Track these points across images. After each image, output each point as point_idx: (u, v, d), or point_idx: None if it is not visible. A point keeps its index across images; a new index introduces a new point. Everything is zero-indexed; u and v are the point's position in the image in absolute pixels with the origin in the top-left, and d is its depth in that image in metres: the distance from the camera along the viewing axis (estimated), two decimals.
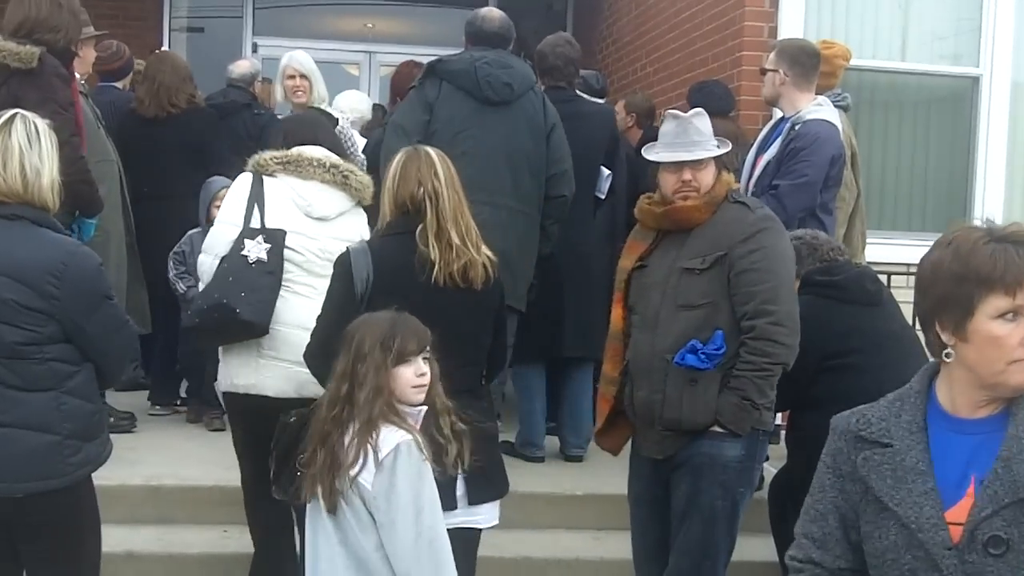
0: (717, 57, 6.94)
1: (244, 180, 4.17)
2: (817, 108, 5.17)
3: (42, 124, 3.34)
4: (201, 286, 4.22)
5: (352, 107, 7.13)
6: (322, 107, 6.26)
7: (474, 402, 3.42)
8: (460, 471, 3.23)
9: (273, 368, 4.03)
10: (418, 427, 3.02)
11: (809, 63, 5.25)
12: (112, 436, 3.58)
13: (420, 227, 3.47)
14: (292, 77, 6.28)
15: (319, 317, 3.57)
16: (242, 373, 4.09)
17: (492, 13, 5.46)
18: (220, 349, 4.20)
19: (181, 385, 6.52)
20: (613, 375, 3.97)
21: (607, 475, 5.38)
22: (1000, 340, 2.04)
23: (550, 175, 5.27)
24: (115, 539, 4.56)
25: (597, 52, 9.59)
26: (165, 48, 10.09)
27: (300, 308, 3.97)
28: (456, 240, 3.46)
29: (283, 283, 4.03)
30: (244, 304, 3.95)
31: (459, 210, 3.51)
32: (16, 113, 3.33)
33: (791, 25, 6.56)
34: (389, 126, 5.22)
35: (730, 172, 3.96)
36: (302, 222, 4.10)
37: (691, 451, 3.74)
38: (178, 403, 6.45)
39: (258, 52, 10.87)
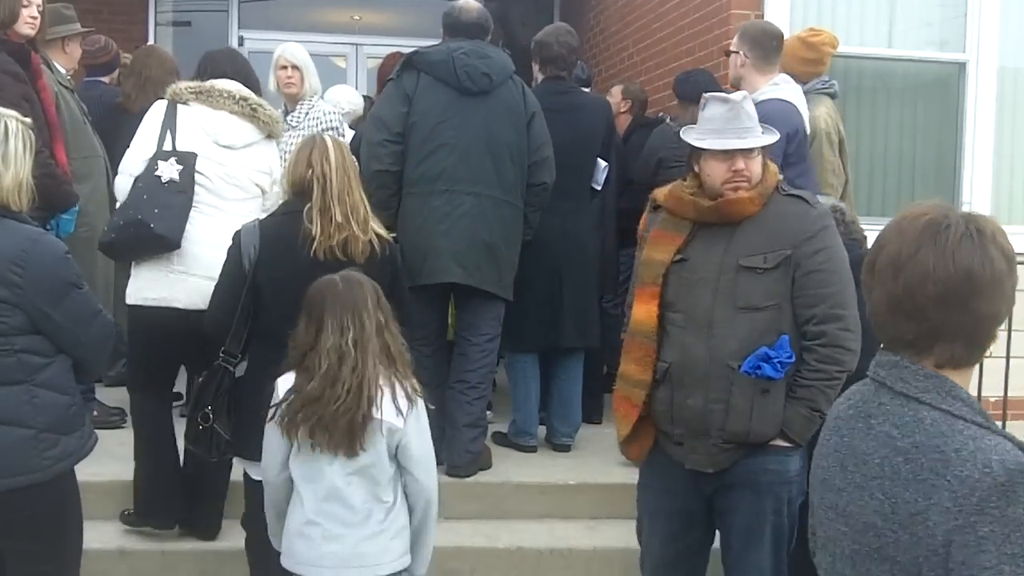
0: (704, 46, 6.93)
1: (159, 107, 4.56)
2: (773, 88, 5.17)
3: (14, 124, 3.29)
4: (118, 205, 4.54)
5: (349, 100, 7.12)
6: (314, 100, 6.23)
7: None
8: None
9: (184, 282, 4.40)
10: None
11: (770, 45, 5.27)
12: (103, 432, 3.58)
13: (308, 206, 3.82)
14: (284, 68, 6.24)
15: (215, 287, 3.97)
16: (154, 287, 4.43)
17: (469, 4, 5.45)
18: (132, 264, 4.52)
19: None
20: (642, 377, 3.54)
21: (599, 464, 5.40)
22: None
23: (531, 162, 5.29)
24: (107, 536, 4.59)
25: (584, 41, 9.56)
26: (151, 42, 10.08)
27: (207, 226, 4.40)
28: (339, 218, 3.80)
29: (192, 203, 4.40)
30: (158, 220, 4.31)
31: (346, 191, 3.85)
32: None
33: (777, 13, 6.54)
34: (368, 119, 5.24)
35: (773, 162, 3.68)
36: (210, 148, 4.49)
37: (752, 466, 3.48)
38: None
39: (244, 45, 10.83)
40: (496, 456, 5.44)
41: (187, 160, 4.42)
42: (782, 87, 5.21)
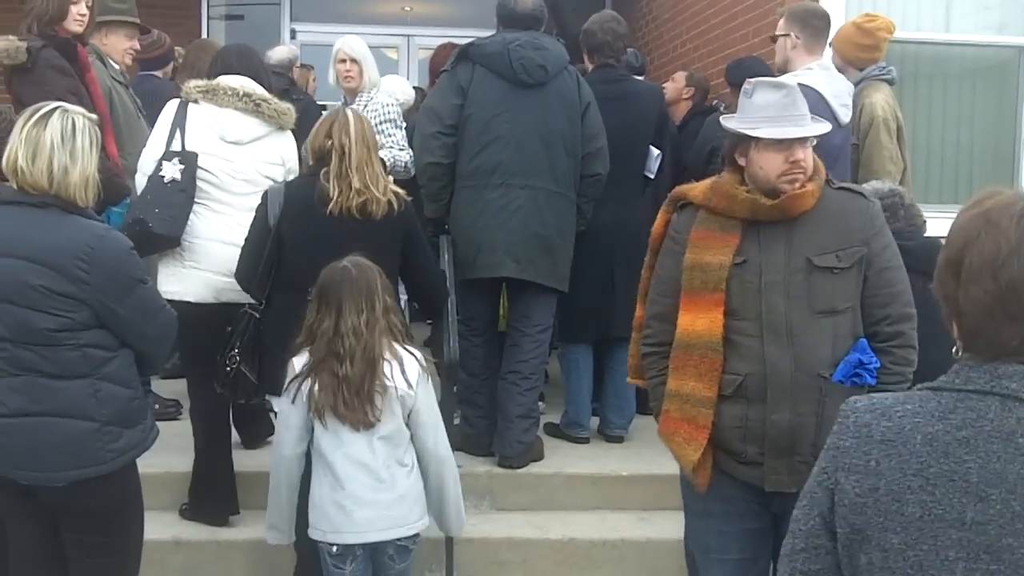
0: (757, 32, 6.85)
1: (171, 107, 4.75)
2: (805, 72, 5.06)
3: (81, 121, 3.32)
4: None
5: (402, 91, 7.13)
6: (373, 92, 6.22)
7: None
8: None
9: (195, 276, 4.63)
10: None
11: (819, 25, 5.18)
12: (158, 423, 3.61)
13: (324, 169, 4.15)
14: (343, 61, 6.26)
15: (245, 241, 4.30)
16: (170, 281, 4.64)
17: None
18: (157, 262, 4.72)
19: None
20: (707, 394, 3.20)
21: (651, 455, 5.36)
22: None
23: (585, 153, 5.26)
24: (163, 526, 4.63)
25: (637, 29, 9.52)
26: (204, 36, 10.15)
27: (216, 223, 4.62)
28: (357, 184, 4.12)
29: (200, 201, 4.61)
30: (156, 218, 4.50)
31: (365, 162, 4.16)
32: (57, 107, 3.32)
33: None
34: (422, 110, 5.24)
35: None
36: (217, 145, 4.65)
37: None
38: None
39: (296, 38, 10.90)
40: (548, 447, 5.43)
41: (189, 159, 4.59)
42: (815, 72, 5.11)
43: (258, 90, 4.76)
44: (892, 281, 3.25)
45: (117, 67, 5.85)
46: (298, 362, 3.63)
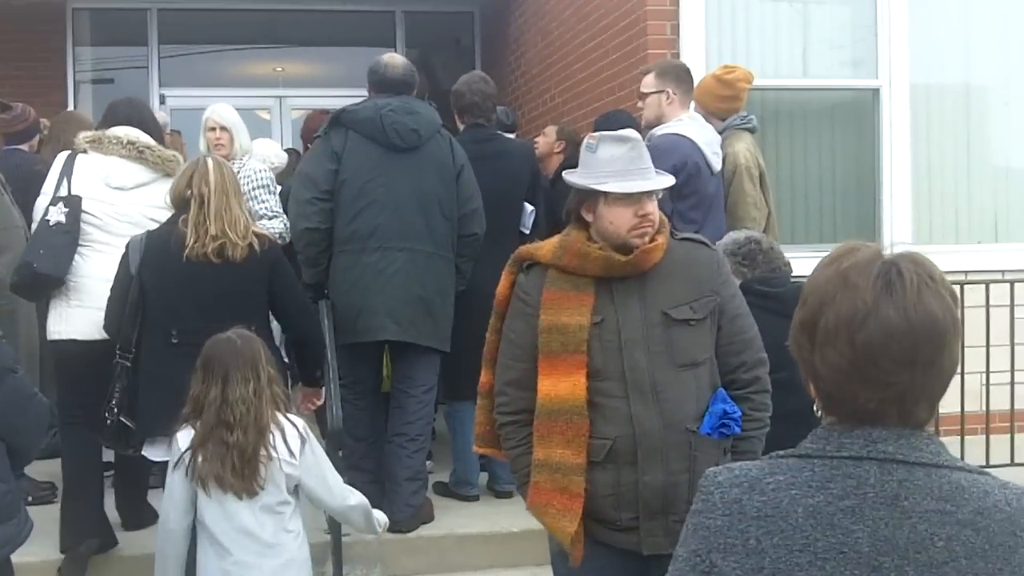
0: (623, 85, 7.01)
1: (60, 158, 5.01)
2: (675, 123, 5.25)
3: None
4: None
5: (276, 154, 7.09)
6: (245, 159, 6.17)
7: None
8: None
9: (79, 314, 4.80)
10: None
11: (689, 80, 5.40)
12: (33, 508, 3.53)
13: (183, 216, 4.32)
14: (212, 129, 6.19)
15: (110, 291, 4.46)
16: (58, 322, 4.86)
17: (395, 60, 5.48)
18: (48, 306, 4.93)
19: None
20: (576, 461, 3.07)
21: None
22: None
23: (461, 214, 5.33)
24: None
25: (507, 84, 9.65)
26: (70, 107, 9.99)
27: (99, 263, 4.77)
28: (214, 231, 4.25)
29: (84, 242, 4.82)
30: (41, 259, 4.73)
31: (223, 208, 4.29)
32: None
33: (692, 50, 6.65)
34: (297, 176, 5.24)
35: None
36: (102, 191, 4.87)
37: None
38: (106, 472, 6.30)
39: (166, 103, 10.78)
40: (438, 507, 5.43)
41: (72, 203, 4.80)
42: (684, 123, 5.29)
43: (143, 138, 4.96)
44: (744, 328, 3.25)
45: None
46: (183, 436, 3.63)
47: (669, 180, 3.26)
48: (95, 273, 4.76)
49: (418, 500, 5.23)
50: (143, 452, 4.37)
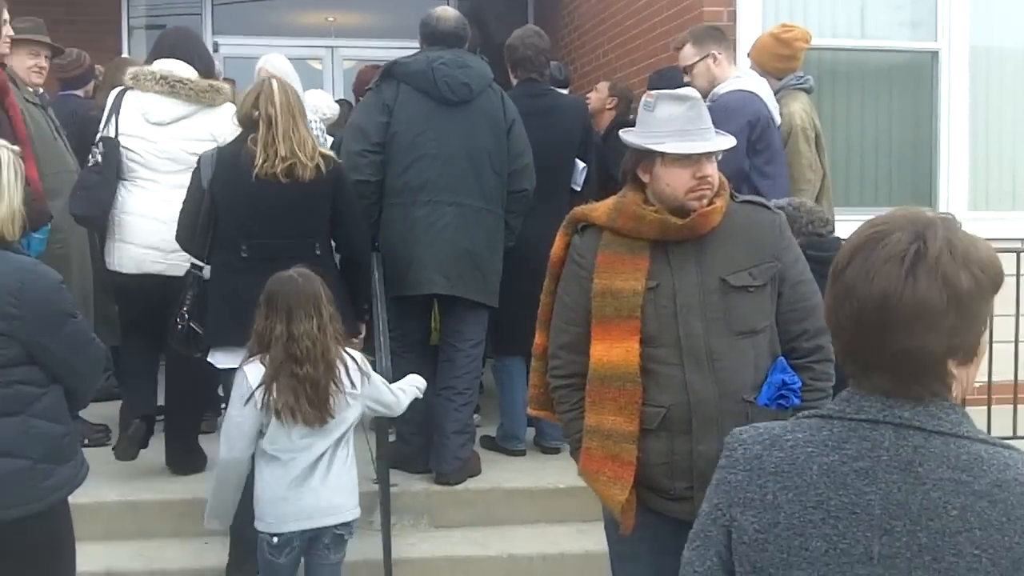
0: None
1: (111, 96, 5.24)
2: (735, 80, 5.21)
3: (6, 154, 3.28)
4: None
5: (328, 105, 7.08)
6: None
7: (309, 267, 4.02)
8: None
9: (123, 249, 5.12)
10: None
11: (724, 36, 5.38)
12: (87, 449, 3.60)
13: (252, 135, 4.45)
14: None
15: (182, 204, 4.64)
16: (108, 254, 5.22)
17: (447, 12, 5.45)
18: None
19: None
20: (629, 429, 3.01)
21: None
22: None
23: (511, 170, 5.32)
24: (94, 557, 4.56)
25: (559, 39, 9.57)
26: (124, 53, 10.03)
27: (141, 199, 5.08)
28: (283, 152, 4.40)
29: (129, 179, 5.10)
30: (75, 201, 5.06)
31: (291, 129, 4.43)
32: None
33: (749, 8, 6.57)
34: (348, 128, 5.26)
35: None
36: (143, 128, 5.09)
37: None
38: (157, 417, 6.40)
39: (219, 51, 10.79)
40: (485, 461, 5.46)
41: (108, 144, 5.07)
42: (743, 79, 5.24)
43: (176, 71, 5.11)
44: (806, 295, 3.14)
45: (30, 89, 5.77)
46: (251, 370, 3.78)
47: (730, 141, 3.14)
48: (136, 209, 5.07)
49: (465, 453, 5.27)
50: (209, 359, 4.56)
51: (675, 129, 3.04)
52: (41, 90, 6.00)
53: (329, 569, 3.94)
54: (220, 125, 5.08)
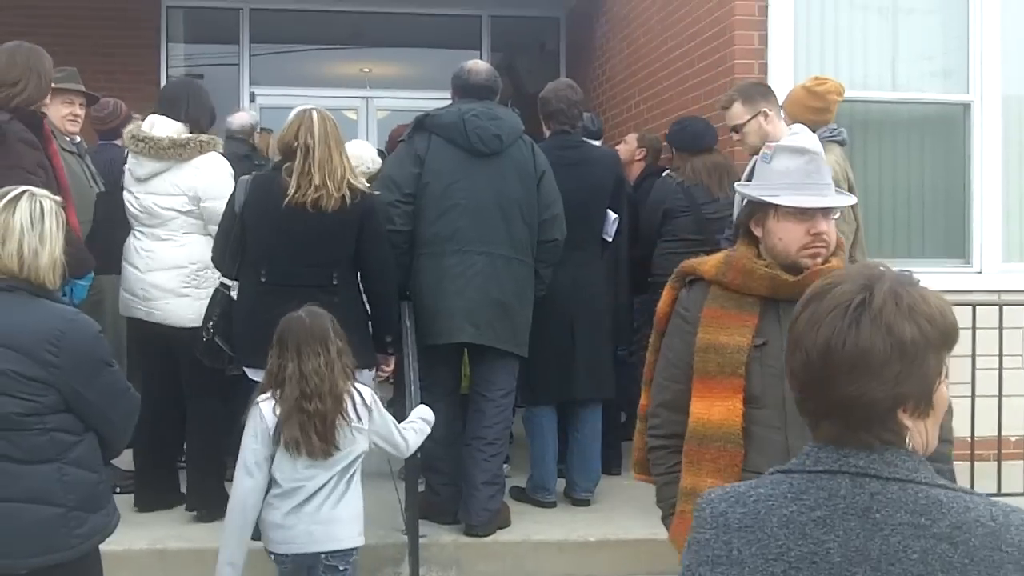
0: (709, 94, 6.97)
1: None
2: (793, 136, 5.16)
3: (48, 204, 3.34)
4: None
5: (372, 158, 7.09)
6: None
7: (322, 296, 4.45)
8: None
9: (120, 294, 5.52)
10: None
11: (771, 91, 5.33)
12: (117, 497, 3.61)
13: (287, 165, 4.70)
14: (261, 132, 6.30)
15: (218, 226, 5.00)
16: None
17: (478, 65, 5.53)
18: None
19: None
20: None
21: (620, 519, 5.38)
22: None
23: (542, 220, 5.35)
24: None
25: (591, 91, 9.64)
26: None
27: (130, 248, 5.45)
28: (317, 181, 4.63)
29: (132, 230, 5.46)
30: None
31: (327, 159, 4.67)
32: (24, 191, 3.34)
33: (780, 60, 6.60)
34: (380, 180, 5.32)
35: None
36: (130, 182, 5.46)
37: None
38: (182, 460, 6.42)
39: (256, 101, 10.95)
40: (514, 512, 5.44)
41: (104, 199, 5.66)
42: (800, 135, 5.22)
43: (156, 128, 5.34)
44: None
45: (67, 137, 5.87)
46: (265, 407, 3.95)
47: (849, 199, 3.05)
48: (126, 257, 5.46)
49: (495, 504, 5.26)
50: (246, 371, 4.83)
51: (791, 182, 2.92)
52: (78, 138, 6.10)
53: None
54: (191, 179, 5.31)
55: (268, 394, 3.97)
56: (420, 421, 4.42)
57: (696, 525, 1.78)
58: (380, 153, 7.88)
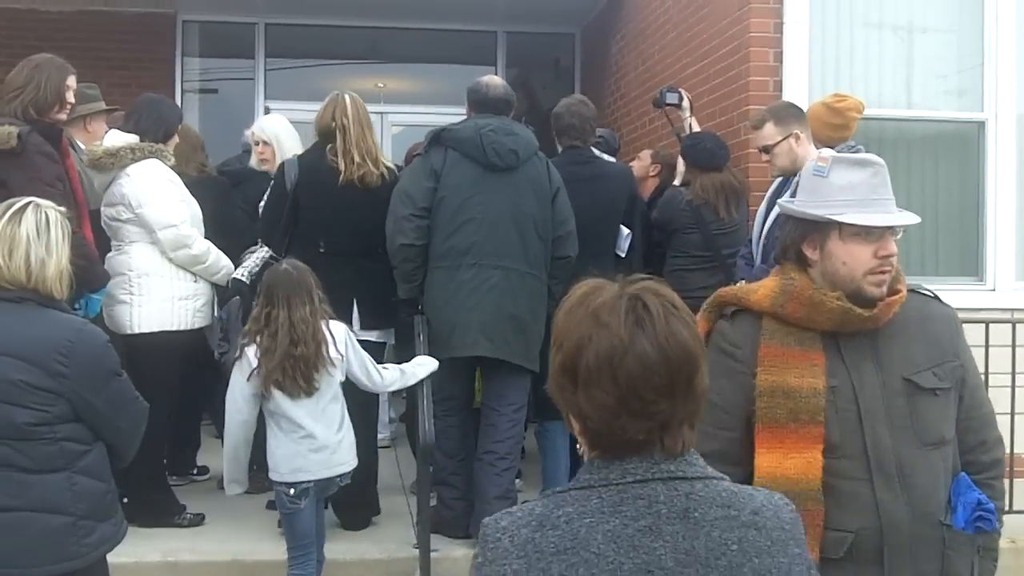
0: (724, 111, 6.98)
1: None
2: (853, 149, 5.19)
3: (54, 214, 3.37)
4: None
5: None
6: None
7: (369, 263, 5.33)
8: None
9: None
10: None
11: (803, 113, 5.29)
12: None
13: (330, 146, 5.31)
14: (256, 144, 6.29)
15: (264, 206, 5.53)
16: None
17: (494, 81, 5.56)
18: None
19: (197, 454, 6.55)
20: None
21: None
22: None
23: (555, 237, 5.36)
24: None
25: (606, 107, 9.66)
26: None
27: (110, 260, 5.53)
28: (357, 158, 5.27)
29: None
30: None
31: (362, 137, 5.33)
32: (29, 202, 3.36)
33: (795, 78, 6.60)
34: (395, 194, 5.31)
35: None
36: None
37: None
38: (194, 472, 6.45)
39: (271, 115, 10.95)
40: None
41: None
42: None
43: (106, 142, 5.47)
44: (983, 400, 2.76)
45: (86, 150, 5.90)
46: (251, 350, 4.40)
47: (913, 218, 2.72)
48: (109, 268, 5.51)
49: None
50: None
51: (857, 198, 2.60)
52: None
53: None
54: (126, 186, 5.44)
55: (253, 339, 4.40)
56: (414, 365, 4.85)
57: (496, 558, 1.68)
58: (398, 168, 7.91)
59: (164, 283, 5.44)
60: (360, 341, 5.28)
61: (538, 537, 1.67)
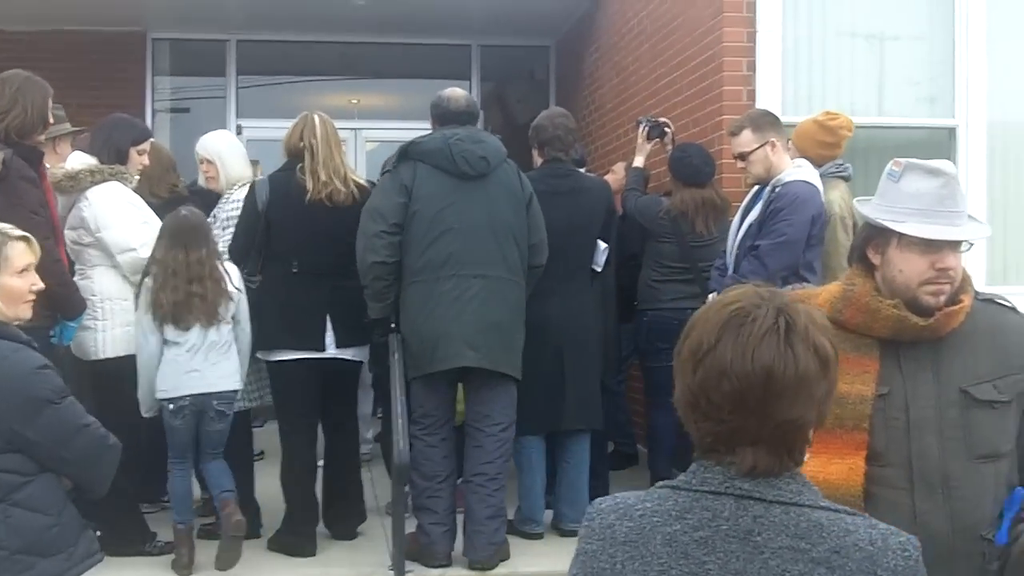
0: (698, 122, 6.97)
1: None
2: (797, 170, 5.19)
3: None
4: None
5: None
6: (234, 190, 6.00)
7: (344, 281, 5.33)
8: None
9: None
10: None
11: (780, 123, 5.31)
12: None
13: (300, 166, 5.41)
14: (201, 162, 6.21)
15: (236, 226, 5.56)
16: None
17: (456, 92, 5.52)
18: None
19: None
20: None
21: None
22: None
23: (530, 244, 5.30)
24: None
25: (581, 119, 9.61)
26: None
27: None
28: (323, 177, 5.37)
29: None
30: None
31: (329, 156, 5.44)
32: None
33: (768, 87, 6.59)
34: (365, 212, 5.24)
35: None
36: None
37: None
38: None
39: (243, 134, 10.89)
40: None
41: None
42: (804, 170, 5.23)
43: (55, 168, 5.36)
44: None
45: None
46: (152, 284, 4.97)
47: (985, 230, 2.74)
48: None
49: (499, 538, 5.19)
50: (264, 357, 5.49)
51: (921, 207, 2.57)
52: None
53: (216, 435, 5.15)
54: (85, 210, 5.35)
55: (150, 275, 4.96)
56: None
57: (584, 535, 1.79)
58: (371, 184, 7.86)
59: (128, 307, 5.31)
60: (335, 359, 5.27)
61: (617, 524, 1.75)
